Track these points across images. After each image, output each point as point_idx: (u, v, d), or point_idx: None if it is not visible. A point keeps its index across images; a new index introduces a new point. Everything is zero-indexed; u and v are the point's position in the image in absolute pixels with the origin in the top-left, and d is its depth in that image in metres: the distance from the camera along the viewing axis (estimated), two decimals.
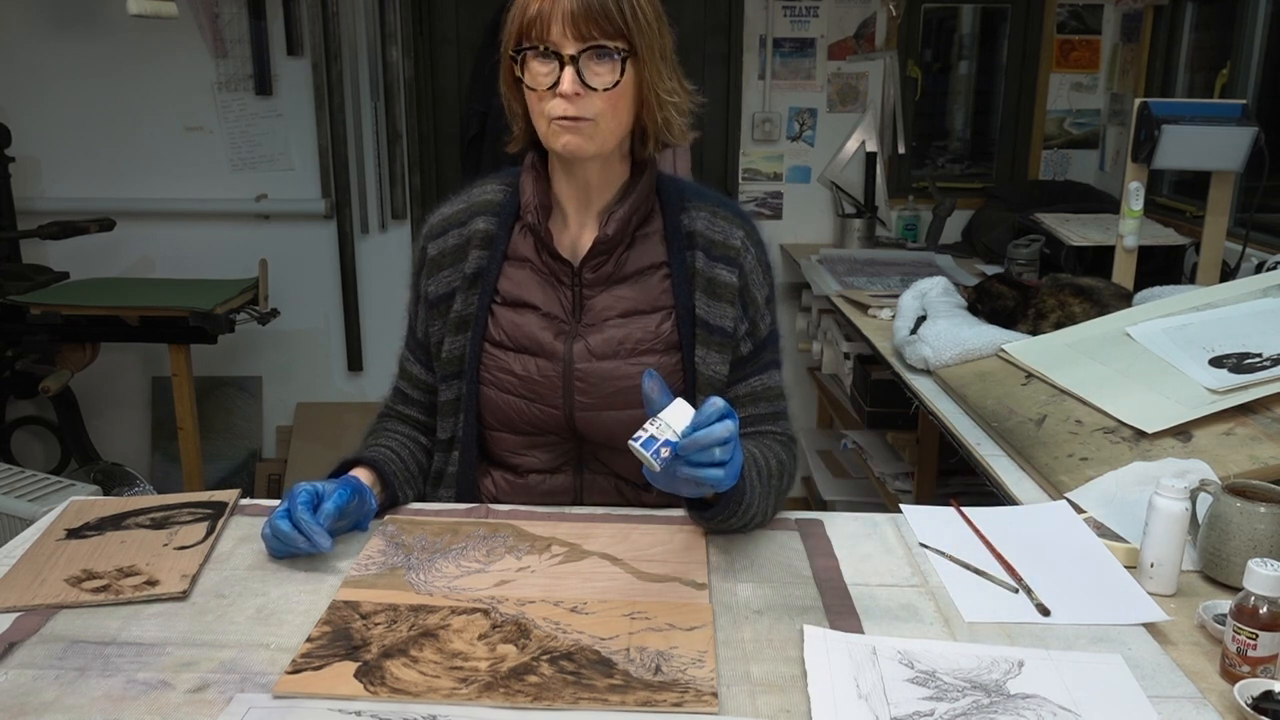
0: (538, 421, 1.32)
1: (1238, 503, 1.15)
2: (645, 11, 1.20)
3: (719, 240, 1.33)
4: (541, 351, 1.30)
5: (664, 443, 1.02)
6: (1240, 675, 0.95)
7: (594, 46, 1.17)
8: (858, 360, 2.86)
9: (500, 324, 1.32)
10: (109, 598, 1.08)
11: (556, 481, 1.35)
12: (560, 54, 1.18)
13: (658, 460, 1.02)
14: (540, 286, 1.32)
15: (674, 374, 1.31)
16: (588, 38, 1.17)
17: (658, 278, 1.32)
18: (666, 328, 1.31)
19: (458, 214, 1.36)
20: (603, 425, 1.30)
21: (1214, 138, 2.24)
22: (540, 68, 1.19)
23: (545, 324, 1.31)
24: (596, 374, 1.29)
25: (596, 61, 1.18)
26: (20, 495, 2.33)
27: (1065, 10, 3.62)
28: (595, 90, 1.19)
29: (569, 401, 1.30)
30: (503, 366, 1.32)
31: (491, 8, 3.54)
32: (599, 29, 1.17)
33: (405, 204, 3.67)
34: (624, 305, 1.31)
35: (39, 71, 3.52)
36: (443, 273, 1.35)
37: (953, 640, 1.03)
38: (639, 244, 1.32)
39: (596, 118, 1.20)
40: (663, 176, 1.36)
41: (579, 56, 1.17)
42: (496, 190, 1.37)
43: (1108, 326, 1.81)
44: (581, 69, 1.18)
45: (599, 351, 1.30)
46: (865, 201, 3.61)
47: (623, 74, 1.19)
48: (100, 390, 3.72)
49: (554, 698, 0.91)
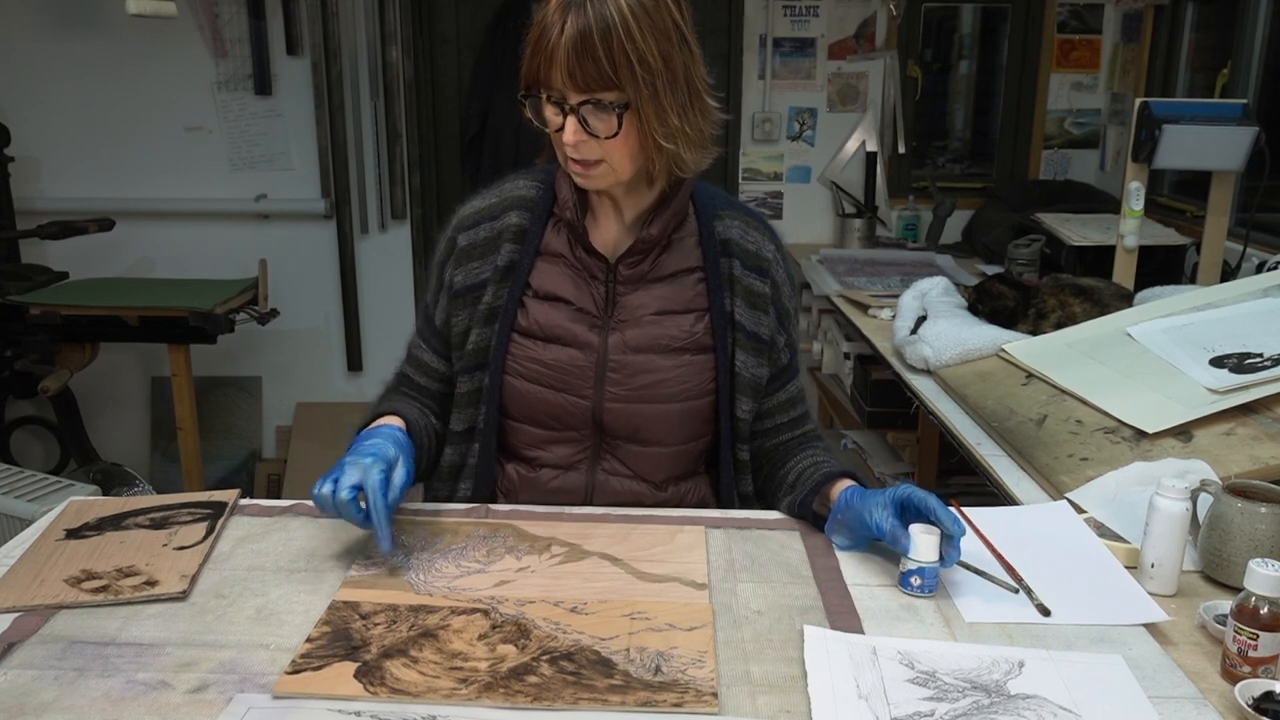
0: (562, 413, 1.33)
1: (1238, 503, 1.15)
2: (647, 53, 1.17)
3: (753, 250, 1.36)
4: (574, 342, 1.32)
5: (915, 571, 1.11)
6: (1241, 676, 0.94)
7: (590, 100, 1.18)
8: (858, 360, 2.86)
9: (531, 315, 1.33)
10: (108, 598, 1.07)
11: (569, 479, 1.36)
12: (564, 103, 1.19)
13: (919, 592, 1.11)
14: (573, 282, 1.33)
15: (705, 373, 1.34)
16: (585, 90, 1.18)
17: (692, 280, 1.35)
18: (700, 328, 1.34)
19: (490, 207, 1.37)
20: (630, 418, 1.32)
21: (1214, 138, 2.24)
22: (550, 110, 1.21)
23: (577, 317, 1.33)
24: (631, 366, 1.31)
25: (595, 112, 1.19)
26: (20, 495, 2.33)
27: (1065, 10, 3.62)
28: (598, 137, 1.20)
29: (599, 392, 1.31)
30: (531, 356, 1.33)
31: (491, 8, 3.54)
32: (595, 82, 1.17)
33: (405, 204, 3.67)
34: (658, 304, 1.33)
35: (39, 71, 3.52)
36: (472, 264, 1.35)
37: (953, 640, 1.02)
38: (674, 247, 1.35)
39: (605, 159, 1.22)
40: (697, 182, 1.37)
41: (578, 107, 1.18)
42: (529, 186, 1.38)
43: (1108, 326, 1.81)
44: (584, 118, 1.19)
45: (635, 345, 1.32)
46: (865, 201, 3.61)
47: (620, 126, 1.20)
48: (100, 390, 3.72)
49: (554, 698, 0.91)
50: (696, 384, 1.33)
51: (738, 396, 1.35)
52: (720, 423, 1.36)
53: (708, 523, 1.28)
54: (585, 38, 1.15)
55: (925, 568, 1.10)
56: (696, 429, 1.36)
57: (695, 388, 1.33)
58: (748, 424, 1.37)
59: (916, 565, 1.10)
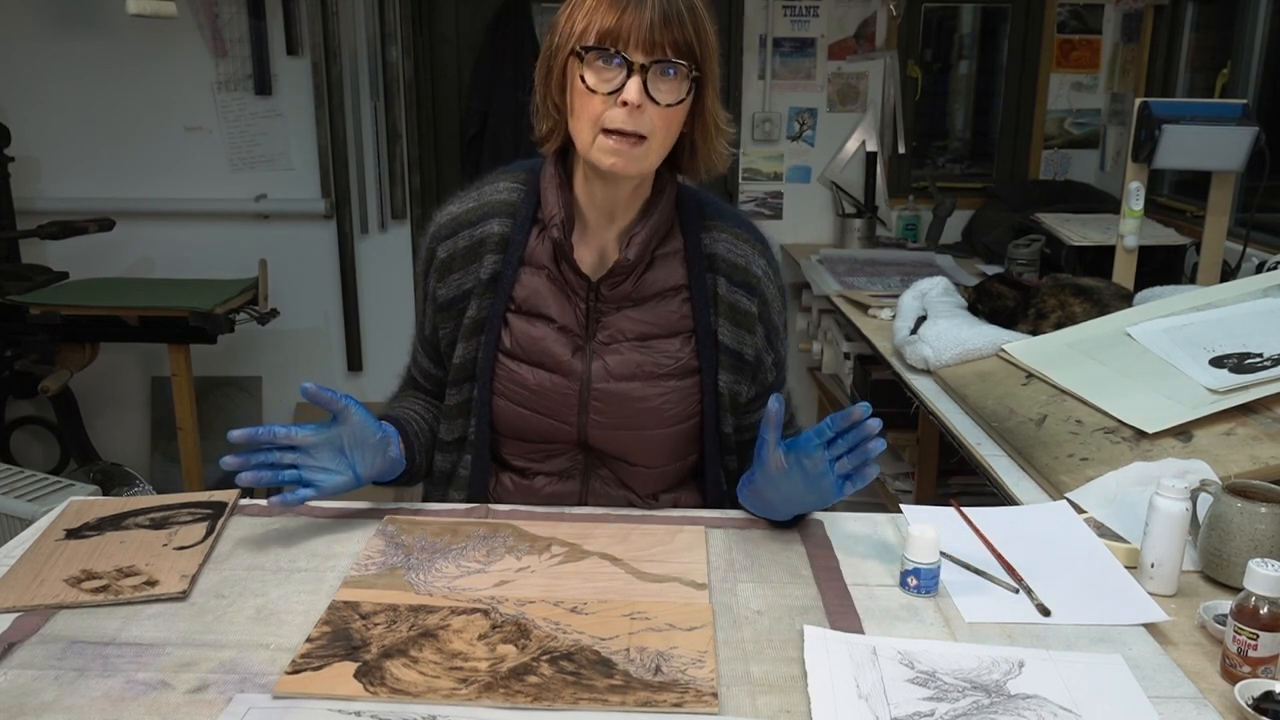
0: (548, 434, 1.31)
1: (1238, 503, 1.15)
2: (712, 42, 1.20)
3: (741, 265, 1.32)
4: (558, 368, 1.29)
5: (913, 571, 1.11)
6: (1241, 675, 0.94)
7: (664, 61, 1.15)
8: (858, 360, 2.86)
9: (514, 334, 1.30)
10: (108, 598, 1.07)
11: (563, 486, 1.35)
12: (631, 61, 1.15)
13: (916, 592, 1.11)
14: (555, 297, 1.30)
15: (690, 396, 1.31)
16: (660, 51, 1.15)
17: (677, 301, 1.31)
18: (686, 352, 1.31)
19: (468, 213, 1.32)
20: (616, 442, 1.31)
21: (1214, 138, 2.24)
22: (605, 72, 1.16)
23: (560, 338, 1.29)
24: (615, 394, 1.29)
25: (663, 77, 1.16)
26: (20, 495, 2.33)
27: (1065, 10, 3.62)
28: (658, 104, 1.16)
29: (583, 419, 1.30)
30: (515, 378, 1.30)
31: (491, 8, 3.54)
32: (673, 46, 1.15)
33: (405, 204, 3.67)
34: (641, 329, 1.30)
35: (39, 71, 3.52)
36: (453, 276, 1.31)
37: (953, 640, 1.02)
38: (659, 264, 1.30)
39: (650, 135, 1.17)
40: (682, 190, 1.33)
41: (649, 67, 1.15)
42: (510, 189, 1.32)
43: (1108, 326, 1.81)
44: (647, 81, 1.16)
45: (618, 373, 1.29)
46: (865, 201, 3.61)
47: (687, 94, 1.18)
48: (100, 390, 3.72)
49: (554, 698, 0.91)
50: (682, 408, 1.31)
51: (723, 415, 1.33)
52: (706, 442, 1.34)
53: (708, 523, 1.28)
54: (676, 10, 1.15)
55: (922, 568, 1.10)
56: (683, 449, 1.34)
57: (681, 412, 1.31)
58: (733, 438, 1.36)
59: (914, 565, 1.10)
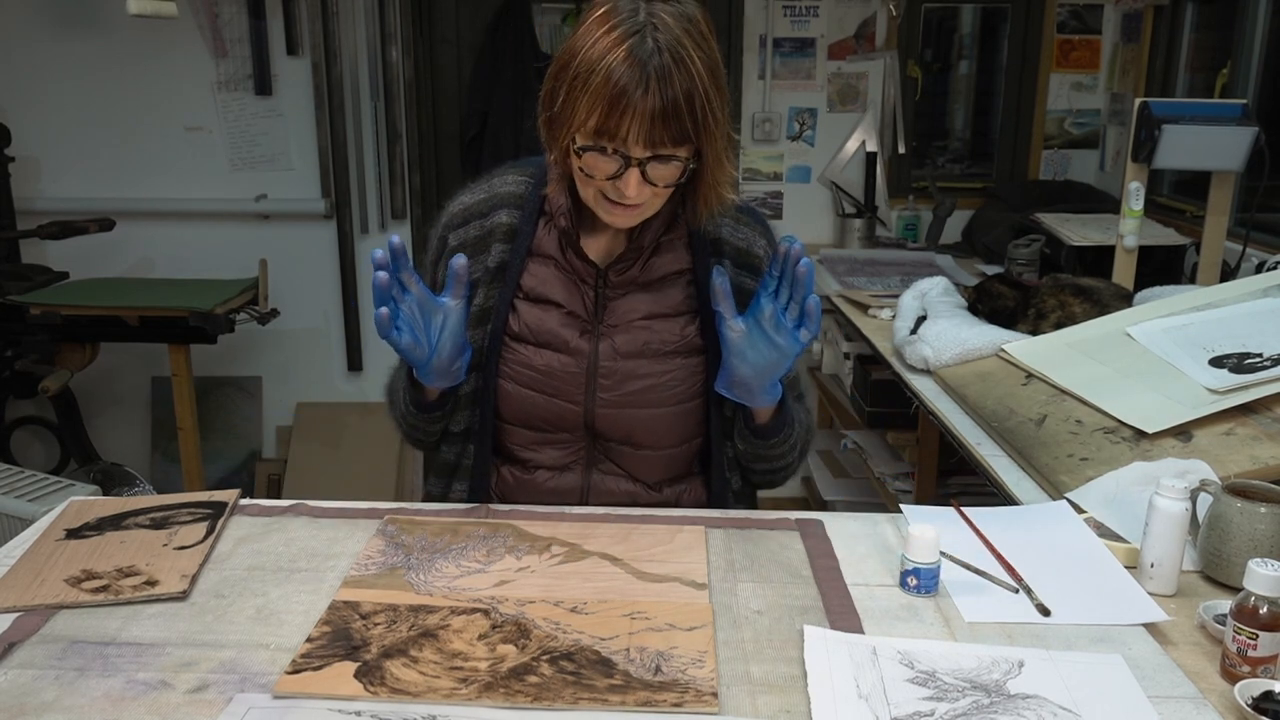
0: (555, 417, 1.33)
1: (1238, 503, 1.15)
2: (717, 109, 1.17)
3: (743, 248, 1.35)
4: (565, 348, 1.31)
5: (912, 571, 1.11)
6: (1240, 675, 0.95)
7: (662, 156, 1.16)
8: (858, 360, 2.86)
9: (522, 318, 1.33)
10: (109, 598, 1.07)
11: (564, 480, 1.36)
12: (629, 156, 1.15)
13: (916, 592, 1.11)
14: (563, 284, 1.33)
15: (696, 375, 1.33)
16: (658, 145, 1.15)
17: (681, 284, 1.34)
18: (690, 331, 1.33)
19: (479, 204, 1.36)
20: (622, 423, 1.32)
21: (1214, 138, 2.24)
22: (603, 161, 1.16)
23: (567, 321, 1.32)
24: (622, 371, 1.31)
25: (662, 164, 1.16)
26: (20, 495, 2.33)
27: (1065, 10, 3.62)
28: (655, 186, 1.18)
29: (590, 398, 1.31)
30: (522, 360, 1.32)
31: (491, 8, 3.54)
32: (670, 137, 1.14)
33: (405, 204, 3.67)
34: (647, 308, 1.32)
35: (39, 71, 3.52)
36: None
37: (953, 640, 1.03)
38: (663, 249, 1.33)
39: (648, 203, 1.21)
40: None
41: (645, 161, 1.16)
42: (518, 182, 1.36)
43: (1108, 326, 1.81)
44: (645, 170, 1.16)
45: (624, 350, 1.31)
46: (865, 201, 3.61)
47: (683, 175, 1.19)
48: (100, 390, 3.72)
49: (554, 698, 0.91)
50: (687, 387, 1.33)
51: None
52: (711, 423, 1.36)
53: (708, 523, 1.28)
54: (674, 106, 1.12)
55: (922, 568, 1.10)
56: (689, 430, 1.36)
57: (686, 391, 1.33)
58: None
59: (914, 565, 1.10)
